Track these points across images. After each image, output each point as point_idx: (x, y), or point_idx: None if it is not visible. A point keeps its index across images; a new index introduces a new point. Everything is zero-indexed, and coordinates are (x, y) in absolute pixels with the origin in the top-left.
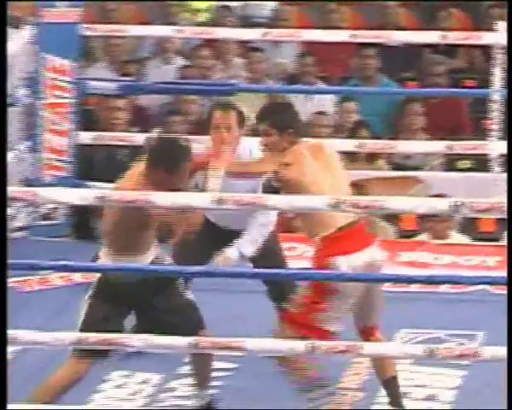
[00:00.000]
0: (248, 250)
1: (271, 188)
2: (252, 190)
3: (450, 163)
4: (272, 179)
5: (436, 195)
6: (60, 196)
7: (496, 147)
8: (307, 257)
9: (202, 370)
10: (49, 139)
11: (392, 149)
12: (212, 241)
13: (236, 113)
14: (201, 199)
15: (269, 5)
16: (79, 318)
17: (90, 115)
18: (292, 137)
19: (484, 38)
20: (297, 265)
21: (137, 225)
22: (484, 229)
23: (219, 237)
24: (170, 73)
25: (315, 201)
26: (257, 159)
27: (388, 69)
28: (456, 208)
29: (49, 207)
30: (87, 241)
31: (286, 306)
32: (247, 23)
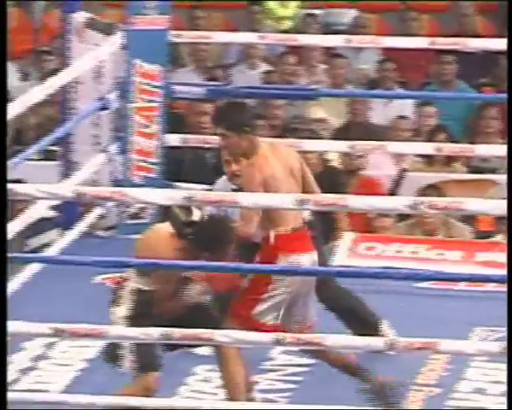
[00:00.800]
0: None
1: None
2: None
3: None
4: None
5: None
6: (148, 197)
7: None
8: (387, 256)
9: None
10: (138, 141)
11: (470, 153)
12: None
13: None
14: (284, 200)
15: (350, 13)
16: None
17: (178, 118)
18: (249, 135)
19: None
20: (376, 264)
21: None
22: None
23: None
24: (254, 79)
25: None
26: None
27: (466, 75)
28: None
29: (138, 206)
30: None
31: (233, 304)
32: (329, 30)
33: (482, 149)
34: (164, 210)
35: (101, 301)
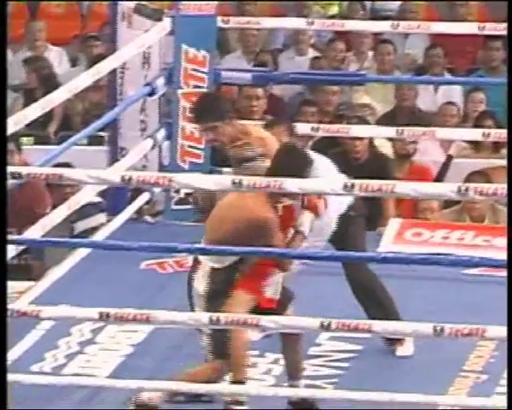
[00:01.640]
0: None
1: None
2: None
3: None
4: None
5: None
6: (195, 182)
7: None
8: (433, 243)
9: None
10: (185, 127)
11: None
12: None
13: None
14: (332, 185)
15: None
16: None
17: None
18: (232, 119)
19: None
20: (423, 250)
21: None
22: None
23: None
24: (303, 64)
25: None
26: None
27: None
28: None
29: (185, 192)
30: None
31: (241, 277)
32: (377, 16)
33: None
34: None
35: (148, 286)
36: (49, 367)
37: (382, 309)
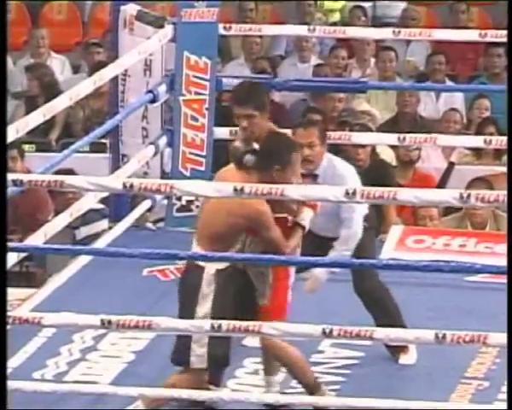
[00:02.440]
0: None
1: None
2: None
3: None
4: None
5: None
6: (196, 189)
7: None
8: (435, 250)
9: (268, 356)
10: (187, 134)
11: None
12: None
13: (318, 129)
14: (333, 192)
15: (399, 6)
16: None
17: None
18: (267, 114)
19: None
20: (425, 257)
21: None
22: None
23: (317, 245)
24: (306, 72)
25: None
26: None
27: None
28: None
29: (187, 199)
30: None
31: (259, 301)
32: (378, 23)
33: None
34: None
35: (149, 293)
36: (51, 374)
37: (391, 320)
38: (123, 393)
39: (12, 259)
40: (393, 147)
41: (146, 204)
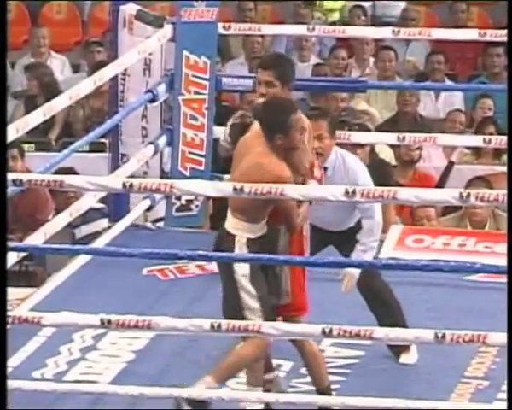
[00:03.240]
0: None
1: None
2: None
3: None
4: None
5: None
6: (196, 188)
7: None
8: (435, 249)
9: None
10: (187, 134)
11: None
12: (317, 243)
13: (328, 122)
14: (333, 192)
15: (398, 5)
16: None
17: (226, 110)
18: (290, 91)
19: None
20: (424, 257)
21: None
22: None
23: (324, 239)
24: (306, 71)
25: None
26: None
27: None
28: None
29: (186, 198)
30: None
31: (278, 301)
32: (378, 23)
33: None
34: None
35: (149, 292)
36: (51, 374)
37: (394, 320)
38: (123, 392)
39: (12, 258)
40: (394, 146)
41: (145, 203)
